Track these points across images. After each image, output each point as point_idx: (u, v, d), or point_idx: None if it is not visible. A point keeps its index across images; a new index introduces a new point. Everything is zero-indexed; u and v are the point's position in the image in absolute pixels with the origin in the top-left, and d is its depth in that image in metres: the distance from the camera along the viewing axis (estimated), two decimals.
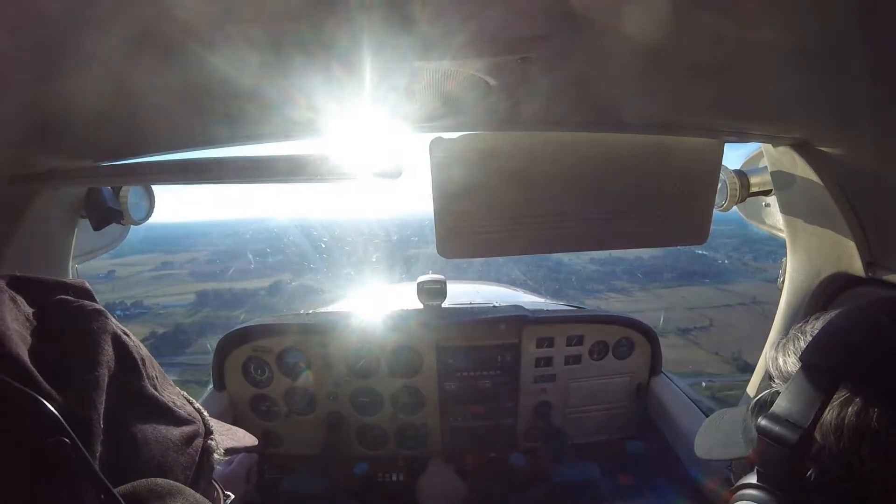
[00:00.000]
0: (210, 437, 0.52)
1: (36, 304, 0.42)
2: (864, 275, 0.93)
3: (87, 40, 0.54)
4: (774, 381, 0.60)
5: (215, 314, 24.88)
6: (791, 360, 0.57)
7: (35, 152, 0.85)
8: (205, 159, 0.75)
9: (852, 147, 0.87)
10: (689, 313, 23.47)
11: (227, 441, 0.57)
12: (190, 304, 27.61)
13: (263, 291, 28.78)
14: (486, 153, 0.98)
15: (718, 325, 22.23)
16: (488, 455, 1.91)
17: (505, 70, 0.64)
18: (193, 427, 0.49)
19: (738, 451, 0.63)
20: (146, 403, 0.44)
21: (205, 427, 0.52)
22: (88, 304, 0.43)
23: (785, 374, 0.58)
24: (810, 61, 0.61)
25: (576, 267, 33.26)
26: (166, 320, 24.14)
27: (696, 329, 21.88)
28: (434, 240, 1.03)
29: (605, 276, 31.80)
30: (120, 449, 0.39)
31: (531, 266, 27.58)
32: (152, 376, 0.46)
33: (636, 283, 30.27)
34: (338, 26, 0.54)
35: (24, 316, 0.40)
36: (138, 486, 0.38)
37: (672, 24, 0.55)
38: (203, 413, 0.53)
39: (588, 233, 1.08)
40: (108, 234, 1.21)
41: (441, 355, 1.81)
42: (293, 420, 1.86)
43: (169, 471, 0.43)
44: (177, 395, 0.51)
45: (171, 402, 0.47)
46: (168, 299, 28.69)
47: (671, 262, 31.51)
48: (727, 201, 1.22)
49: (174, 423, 0.46)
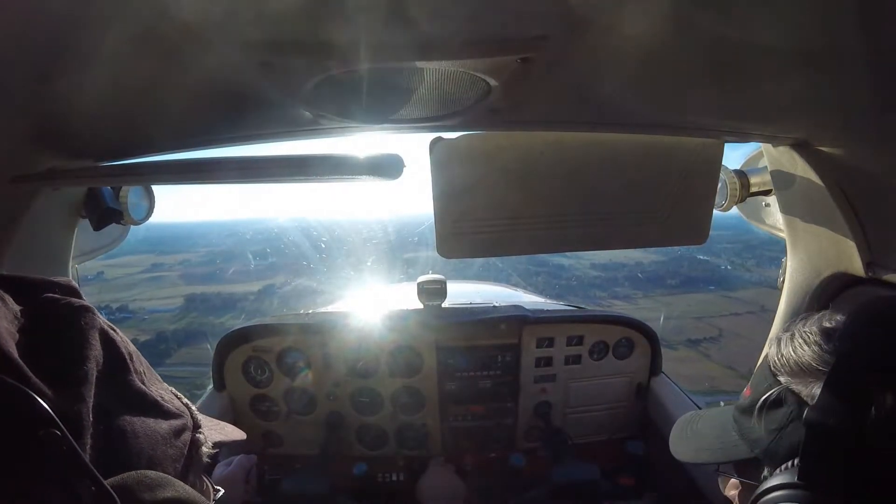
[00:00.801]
0: (198, 430, 0.53)
1: (23, 302, 0.42)
2: (864, 275, 0.93)
3: (87, 40, 0.54)
4: (781, 376, 0.57)
5: (199, 320, 24.12)
6: (807, 352, 0.55)
7: (35, 152, 0.85)
8: (205, 159, 0.75)
9: (852, 147, 0.87)
10: (696, 323, 22.62)
11: (215, 435, 0.58)
12: (176, 309, 26.64)
13: (252, 296, 27.46)
14: (486, 153, 0.98)
15: (728, 336, 21.28)
16: (488, 455, 1.91)
17: (505, 70, 0.64)
18: (181, 421, 0.50)
19: (739, 452, 0.61)
20: (134, 398, 0.45)
21: (193, 421, 0.52)
22: (75, 300, 0.44)
23: (799, 368, 0.55)
24: (810, 61, 0.61)
25: (576, 272, 32.35)
26: (150, 326, 23.36)
27: (705, 340, 20.89)
28: (432, 242, 1.03)
29: (607, 283, 30.43)
30: (109, 442, 0.40)
31: (530, 272, 27.01)
32: (140, 371, 0.47)
33: (639, 290, 28.85)
34: (338, 26, 0.54)
35: (11, 314, 0.40)
36: (128, 478, 0.39)
37: (672, 24, 0.55)
38: (191, 408, 0.54)
39: (588, 233, 1.08)
40: (108, 234, 1.21)
41: (441, 355, 1.81)
42: (293, 420, 1.86)
43: (158, 463, 0.44)
44: (165, 390, 0.51)
45: (160, 397, 0.48)
46: (155, 303, 27.68)
47: (674, 268, 30.68)
48: (727, 201, 1.22)
49: (162, 417, 0.47)
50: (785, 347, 0.58)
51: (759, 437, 0.58)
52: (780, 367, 0.58)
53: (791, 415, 0.54)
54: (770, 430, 0.57)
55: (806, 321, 0.60)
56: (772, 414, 0.57)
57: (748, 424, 0.60)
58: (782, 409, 0.56)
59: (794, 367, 0.56)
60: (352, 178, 0.68)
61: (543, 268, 31.08)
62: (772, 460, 0.56)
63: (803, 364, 0.55)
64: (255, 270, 31.80)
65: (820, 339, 0.55)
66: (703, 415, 0.76)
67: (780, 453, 0.55)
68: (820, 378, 0.52)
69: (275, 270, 31.59)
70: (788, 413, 0.55)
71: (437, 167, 0.97)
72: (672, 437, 0.76)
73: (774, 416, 0.57)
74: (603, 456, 1.86)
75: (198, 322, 23.74)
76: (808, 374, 0.54)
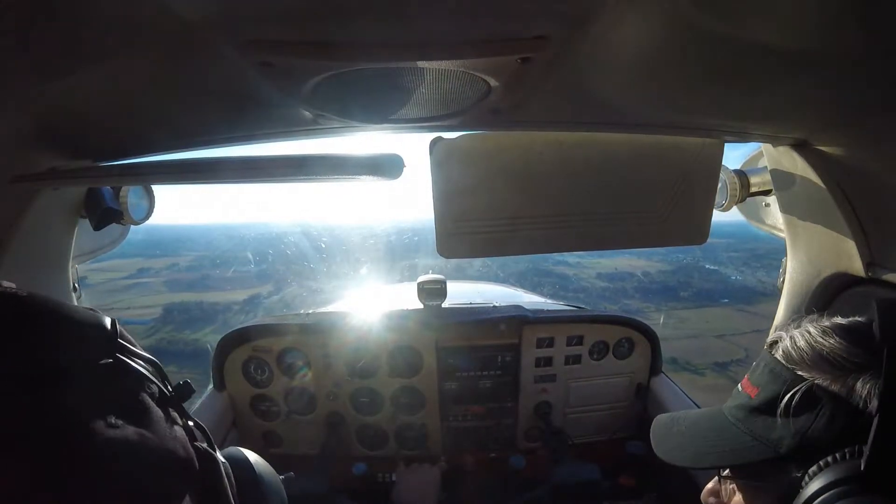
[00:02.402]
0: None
1: None
2: (865, 275, 0.93)
3: (87, 40, 0.54)
4: (803, 371, 0.56)
5: (172, 336, 21.80)
6: (834, 344, 0.54)
7: (35, 152, 0.85)
8: (205, 159, 0.75)
9: (852, 147, 0.87)
10: (719, 342, 20.54)
11: None
12: (151, 321, 23.91)
13: (237, 306, 24.94)
14: (486, 153, 0.98)
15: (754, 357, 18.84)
16: (488, 455, 1.91)
17: (505, 70, 0.64)
18: None
19: (755, 453, 0.59)
20: None
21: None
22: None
23: (825, 362, 0.54)
24: (810, 61, 0.61)
25: (583, 283, 30.74)
26: None
27: (733, 363, 18.72)
28: (431, 246, 1.03)
29: (615, 294, 28.22)
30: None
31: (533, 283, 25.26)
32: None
33: (650, 302, 26.17)
34: (338, 26, 0.54)
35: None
36: None
37: (672, 25, 0.55)
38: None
39: (588, 232, 1.08)
40: (108, 234, 1.21)
41: (441, 355, 1.81)
42: (293, 420, 1.85)
43: None
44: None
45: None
46: (132, 313, 24.69)
47: (683, 278, 29.03)
48: (727, 201, 1.22)
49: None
50: (804, 342, 0.57)
51: (781, 435, 0.56)
52: (798, 363, 0.57)
53: (822, 411, 0.53)
54: (798, 427, 0.54)
55: (814, 316, 0.59)
56: (798, 411, 0.55)
57: (763, 424, 0.58)
58: (809, 405, 0.54)
59: (818, 362, 0.55)
60: (352, 177, 0.68)
61: (547, 277, 29.79)
62: (803, 459, 0.54)
63: (831, 358, 0.54)
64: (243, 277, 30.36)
65: (842, 333, 0.55)
66: (683, 417, 0.74)
67: (814, 450, 0.53)
68: (853, 372, 0.52)
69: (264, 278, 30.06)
70: (818, 409, 0.53)
71: (437, 167, 0.97)
72: (656, 441, 0.74)
73: (801, 413, 0.54)
74: (603, 456, 1.86)
75: (169, 338, 21.39)
76: (837, 368, 0.53)
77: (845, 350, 0.54)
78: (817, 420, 0.53)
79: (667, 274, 30.45)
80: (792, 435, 0.55)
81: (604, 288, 30.00)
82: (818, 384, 0.54)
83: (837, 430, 0.51)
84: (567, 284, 29.80)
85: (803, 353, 0.57)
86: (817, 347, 0.56)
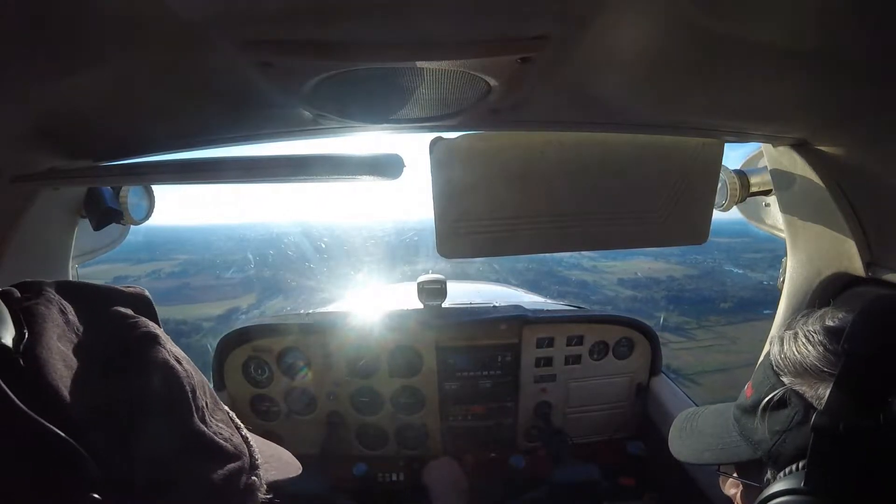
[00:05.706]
0: (255, 471, 0.50)
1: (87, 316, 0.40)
2: (865, 275, 0.93)
3: (87, 40, 0.54)
4: (785, 377, 0.56)
5: None
6: (812, 352, 0.54)
7: (35, 152, 0.85)
8: (205, 159, 0.75)
9: (852, 147, 0.87)
10: None
11: (271, 472, 0.55)
12: None
13: (211, 322, 20.34)
14: (486, 153, 0.98)
15: None
16: (488, 455, 1.91)
17: (505, 70, 0.64)
18: (238, 464, 0.47)
19: (741, 453, 0.60)
20: (190, 439, 0.42)
21: (250, 461, 0.49)
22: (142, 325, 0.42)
23: (803, 368, 0.54)
24: (810, 61, 0.61)
25: (605, 291, 26.50)
26: None
27: None
28: (431, 249, 1.03)
29: (646, 306, 23.28)
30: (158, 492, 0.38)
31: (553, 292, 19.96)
32: (201, 406, 0.44)
33: (688, 316, 21.23)
34: (338, 26, 0.54)
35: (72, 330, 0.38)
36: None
37: (672, 24, 0.55)
38: (249, 441, 0.51)
39: (588, 232, 1.08)
40: (108, 234, 1.21)
41: (441, 355, 1.81)
42: (293, 420, 1.85)
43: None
44: (226, 422, 0.49)
45: (219, 435, 0.45)
46: None
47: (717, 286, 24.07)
48: (727, 201, 1.22)
49: (218, 461, 0.45)
50: (788, 347, 0.57)
51: (761, 438, 0.57)
52: (783, 368, 0.57)
53: (795, 417, 0.53)
54: (773, 431, 0.55)
55: (808, 318, 0.58)
56: (775, 415, 0.56)
57: (750, 425, 0.59)
58: (786, 410, 0.54)
59: (799, 368, 0.55)
60: (352, 177, 0.68)
61: (567, 287, 26.14)
62: (775, 463, 0.55)
63: (808, 365, 0.54)
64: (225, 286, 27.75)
65: (825, 338, 0.54)
66: (702, 412, 0.74)
67: (783, 456, 0.54)
68: (826, 380, 0.51)
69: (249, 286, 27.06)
70: (792, 415, 0.53)
71: (437, 167, 0.97)
72: (671, 436, 0.75)
73: (778, 418, 0.55)
74: (603, 456, 1.86)
75: None
76: (812, 376, 0.53)
77: (820, 358, 0.54)
78: (791, 426, 0.54)
79: (695, 279, 26.37)
80: (769, 439, 0.56)
81: (631, 297, 25.78)
82: (794, 390, 0.55)
83: (806, 437, 0.50)
84: (588, 295, 25.82)
85: (787, 358, 0.57)
86: (800, 353, 0.56)
